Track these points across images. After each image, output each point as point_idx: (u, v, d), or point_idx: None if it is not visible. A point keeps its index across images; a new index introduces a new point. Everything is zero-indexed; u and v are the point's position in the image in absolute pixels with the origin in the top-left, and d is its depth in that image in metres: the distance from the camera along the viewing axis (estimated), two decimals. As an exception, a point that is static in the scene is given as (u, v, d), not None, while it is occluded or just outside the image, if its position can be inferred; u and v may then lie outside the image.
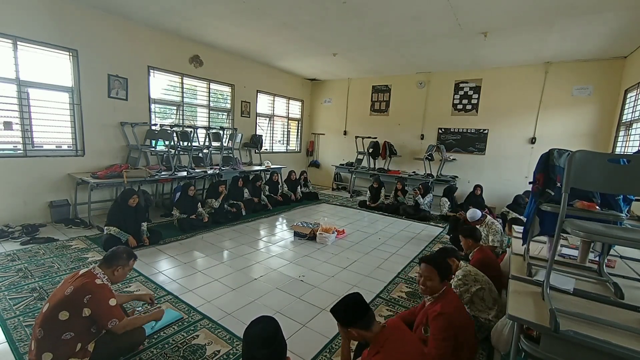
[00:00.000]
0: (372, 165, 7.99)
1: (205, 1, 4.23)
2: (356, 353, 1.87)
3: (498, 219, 4.99)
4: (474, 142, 7.10)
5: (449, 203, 5.88)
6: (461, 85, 7.13)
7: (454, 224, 4.99)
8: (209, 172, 5.83)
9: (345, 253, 4.10)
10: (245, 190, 5.96)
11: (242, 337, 1.58)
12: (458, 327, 1.83)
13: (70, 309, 1.71)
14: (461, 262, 2.53)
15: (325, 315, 2.62)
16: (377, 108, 8.44)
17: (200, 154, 6.40)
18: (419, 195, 6.14)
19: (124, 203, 3.83)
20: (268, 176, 6.97)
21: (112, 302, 1.83)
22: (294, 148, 9.65)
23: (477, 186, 5.97)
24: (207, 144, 6.45)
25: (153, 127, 5.60)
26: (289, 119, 9.21)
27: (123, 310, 2.10)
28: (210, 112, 6.86)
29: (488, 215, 4.15)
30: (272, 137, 8.70)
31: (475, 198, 5.87)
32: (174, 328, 2.33)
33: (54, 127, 4.62)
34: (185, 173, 5.43)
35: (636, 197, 1.69)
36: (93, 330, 1.81)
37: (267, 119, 8.47)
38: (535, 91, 6.31)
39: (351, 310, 1.56)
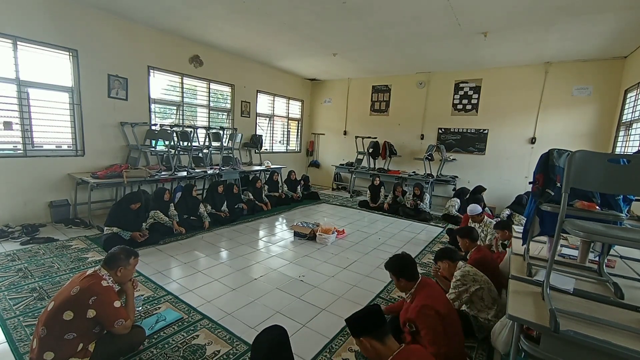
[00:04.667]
0: (372, 165, 7.98)
1: (205, 1, 4.23)
2: None
3: (497, 219, 4.99)
4: (474, 142, 7.10)
5: (459, 204, 5.86)
6: (461, 85, 7.13)
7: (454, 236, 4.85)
8: (209, 172, 5.82)
9: (345, 253, 4.10)
10: (249, 193, 5.98)
11: (251, 342, 1.67)
12: (442, 315, 1.86)
13: (75, 309, 1.72)
14: (460, 262, 2.53)
15: (325, 315, 2.63)
16: (377, 108, 8.44)
17: (200, 154, 6.40)
18: (419, 201, 6.14)
19: (127, 205, 3.84)
20: (268, 176, 6.97)
21: (117, 303, 1.85)
22: (294, 148, 9.65)
23: (482, 188, 5.98)
24: (207, 144, 6.45)
25: (153, 127, 5.60)
26: (289, 119, 9.21)
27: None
28: (210, 112, 6.86)
29: (486, 216, 4.20)
30: (272, 137, 8.70)
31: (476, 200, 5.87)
32: (174, 328, 2.33)
33: (54, 127, 4.62)
34: (185, 173, 5.42)
35: (636, 197, 1.68)
36: (95, 331, 1.82)
37: (267, 119, 8.47)
38: (535, 91, 6.31)
39: (363, 319, 1.55)
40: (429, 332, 1.83)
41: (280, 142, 9.11)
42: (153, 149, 5.51)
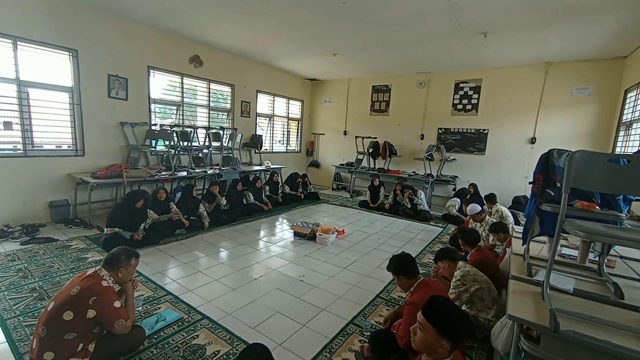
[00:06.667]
0: (372, 165, 7.98)
1: (205, 1, 4.23)
2: None
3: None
4: (474, 142, 7.10)
5: (459, 204, 5.86)
6: (461, 85, 7.13)
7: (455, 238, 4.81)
8: (209, 172, 5.82)
9: (345, 253, 4.10)
10: (249, 194, 5.99)
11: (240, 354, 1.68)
12: None
13: (75, 309, 1.72)
14: (460, 262, 2.53)
15: (325, 315, 2.63)
16: (377, 108, 8.44)
17: (200, 154, 6.40)
18: (416, 198, 6.14)
19: (131, 204, 3.85)
20: (268, 177, 6.97)
21: (117, 304, 1.85)
22: (294, 148, 9.65)
23: (471, 185, 5.98)
24: (207, 144, 6.45)
25: (153, 127, 5.60)
26: (289, 119, 9.20)
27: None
28: (210, 112, 6.86)
29: (487, 216, 4.20)
30: (272, 137, 8.70)
31: (472, 197, 5.87)
32: (174, 328, 2.33)
33: (54, 127, 4.61)
34: (185, 173, 5.42)
35: (636, 197, 1.68)
36: (95, 331, 1.82)
37: (267, 119, 8.47)
38: (535, 91, 6.31)
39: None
40: (406, 326, 1.91)
41: (280, 142, 9.11)
42: (153, 149, 5.51)
